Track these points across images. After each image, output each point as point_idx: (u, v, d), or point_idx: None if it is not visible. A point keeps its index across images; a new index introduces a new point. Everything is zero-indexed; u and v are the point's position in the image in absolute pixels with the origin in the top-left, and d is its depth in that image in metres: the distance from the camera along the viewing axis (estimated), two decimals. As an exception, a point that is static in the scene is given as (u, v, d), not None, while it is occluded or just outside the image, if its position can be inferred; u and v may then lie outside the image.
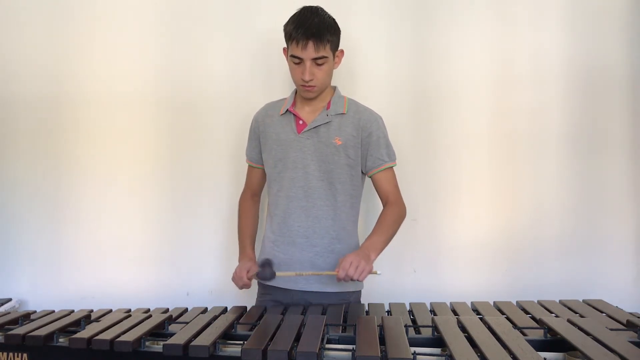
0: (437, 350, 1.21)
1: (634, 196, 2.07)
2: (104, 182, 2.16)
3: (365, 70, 2.09)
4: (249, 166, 1.88)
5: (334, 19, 1.66)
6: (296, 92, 1.78)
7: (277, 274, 1.61)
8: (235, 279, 1.66)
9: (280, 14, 1.69)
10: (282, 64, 1.78)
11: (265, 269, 1.61)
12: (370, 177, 1.75)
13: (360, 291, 1.77)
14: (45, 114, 2.18)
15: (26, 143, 2.19)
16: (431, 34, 2.10)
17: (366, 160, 1.72)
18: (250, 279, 1.64)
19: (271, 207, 1.78)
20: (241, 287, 1.68)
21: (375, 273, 1.55)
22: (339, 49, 1.69)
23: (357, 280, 1.51)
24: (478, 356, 1.06)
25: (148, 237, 2.16)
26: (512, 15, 2.09)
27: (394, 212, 1.69)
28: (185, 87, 2.15)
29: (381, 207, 1.73)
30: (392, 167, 1.73)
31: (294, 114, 1.73)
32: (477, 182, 2.09)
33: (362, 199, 1.80)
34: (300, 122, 1.72)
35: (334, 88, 1.77)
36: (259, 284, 1.82)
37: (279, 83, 2.10)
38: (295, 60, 1.62)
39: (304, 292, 1.69)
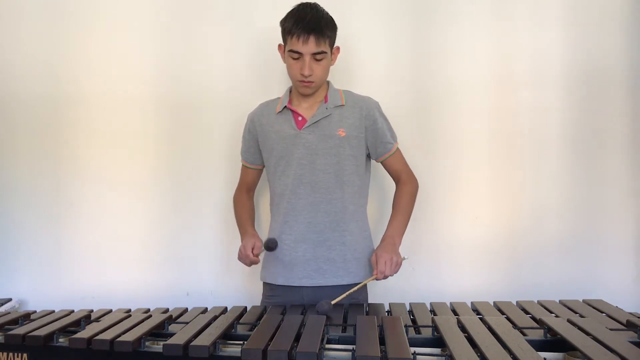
0: (437, 350, 1.21)
1: (634, 196, 2.07)
2: (104, 182, 2.16)
3: (364, 70, 2.09)
4: (244, 167, 1.88)
5: (331, 16, 1.67)
6: (291, 90, 1.79)
7: (333, 302, 1.51)
8: (242, 257, 1.65)
9: (279, 11, 1.69)
10: (282, 62, 1.78)
11: (322, 305, 1.49)
12: (380, 162, 1.78)
13: (365, 286, 1.75)
14: (46, 114, 2.18)
15: (26, 143, 2.19)
16: (431, 33, 2.10)
17: (376, 148, 1.75)
18: (257, 255, 1.63)
19: (276, 207, 1.77)
20: (249, 265, 1.67)
21: (404, 259, 1.63)
22: (335, 45, 1.71)
23: (393, 275, 1.61)
24: (478, 356, 1.06)
25: (148, 237, 2.16)
26: (512, 15, 2.08)
27: (409, 190, 1.76)
28: (185, 86, 2.15)
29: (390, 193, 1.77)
30: (397, 146, 1.77)
31: (291, 111, 1.74)
32: (477, 182, 2.09)
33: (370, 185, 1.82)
34: (300, 118, 1.73)
35: (328, 82, 1.78)
36: (265, 285, 1.80)
37: (279, 81, 2.09)
38: (294, 56, 1.63)
39: (315, 287, 1.68)
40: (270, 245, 1.68)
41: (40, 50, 2.17)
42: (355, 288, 1.59)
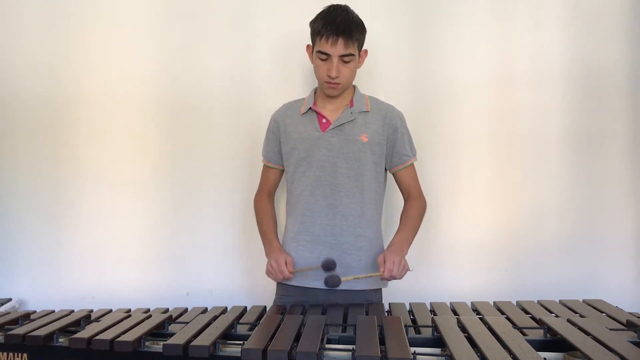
0: (437, 350, 1.21)
1: (634, 196, 2.07)
2: (104, 182, 2.16)
3: (365, 70, 2.08)
4: (266, 167, 1.85)
5: (360, 19, 1.66)
6: (316, 91, 1.78)
7: (343, 279, 1.55)
8: (274, 272, 1.64)
9: (279, 11, 1.69)
10: (284, 62, 1.78)
11: (333, 277, 1.53)
12: (393, 173, 1.77)
13: (381, 289, 1.78)
14: (46, 114, 2.17)
15: (26, 143, 2.19)
16: (431, 33, 2.10)
17: (392, 157, 1.74)
18: (291, 272, 1.63)
19: (293, 207, 1.76)
20: (280, 280, 1.67)
21: (411, 270, 1.60)
22: (363, 48, 1.70)
23: (398, 278, 1.57)
24: (478, 356, 1.06)
25: (148, 237, 2.16)
26: (512, 15, 2.09)
27: (418, 206, 1.75)
28: (185, 86, 2.15)
29: (399, 202, 1.77)
30: (414, 162, 1.77)
31: (316, 112, 1.73)
32: (477, 182, 2.10)
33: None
34: (324, 120, 1.72)
35: (354, 86, 1.78)
36: (279, 285, 1.79)
37: (280, 81, 2.10)
38: (322, 57, 1.63)
39: (329, 290, 1.66)
40: (331, 267, 1.62)
41: (40, 50, 2.17)
42: (362, 276, 1.59)
